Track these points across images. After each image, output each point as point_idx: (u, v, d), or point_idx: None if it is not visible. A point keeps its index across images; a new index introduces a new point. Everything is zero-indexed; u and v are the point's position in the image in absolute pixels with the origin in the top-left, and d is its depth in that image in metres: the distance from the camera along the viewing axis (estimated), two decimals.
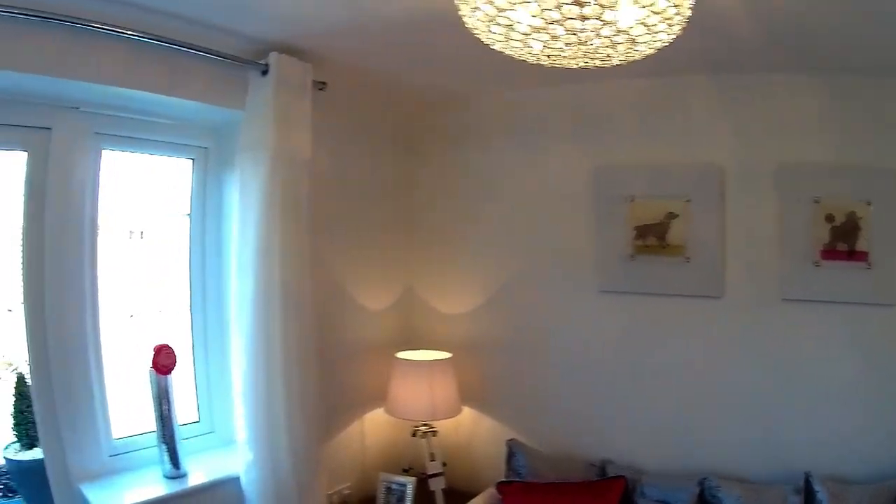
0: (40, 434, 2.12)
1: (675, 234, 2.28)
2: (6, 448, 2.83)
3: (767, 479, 2.06)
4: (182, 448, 2.11)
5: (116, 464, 2.15)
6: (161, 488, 2.08)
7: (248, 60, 2.03)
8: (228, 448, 2.26)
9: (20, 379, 2.89)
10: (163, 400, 2.08)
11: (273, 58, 2.03)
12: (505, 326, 2.43)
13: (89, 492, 2.06)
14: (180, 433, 2.12)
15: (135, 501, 2.02)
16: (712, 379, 2.19)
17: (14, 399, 2.90)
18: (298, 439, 2.09)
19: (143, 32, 1.77)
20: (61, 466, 2.12)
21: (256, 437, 2.06)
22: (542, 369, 2.37)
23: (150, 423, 2.18)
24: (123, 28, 1.74)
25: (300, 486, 2.11)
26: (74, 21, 1.65)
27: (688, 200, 2.28)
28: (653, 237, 2.30)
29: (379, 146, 2.51)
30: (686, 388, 2.22)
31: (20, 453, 2.88)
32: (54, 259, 2.03)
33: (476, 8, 1.09)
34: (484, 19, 1.11)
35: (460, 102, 2.53)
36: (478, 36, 1.20)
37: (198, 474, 2.13)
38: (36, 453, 2.87)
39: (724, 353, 2.19)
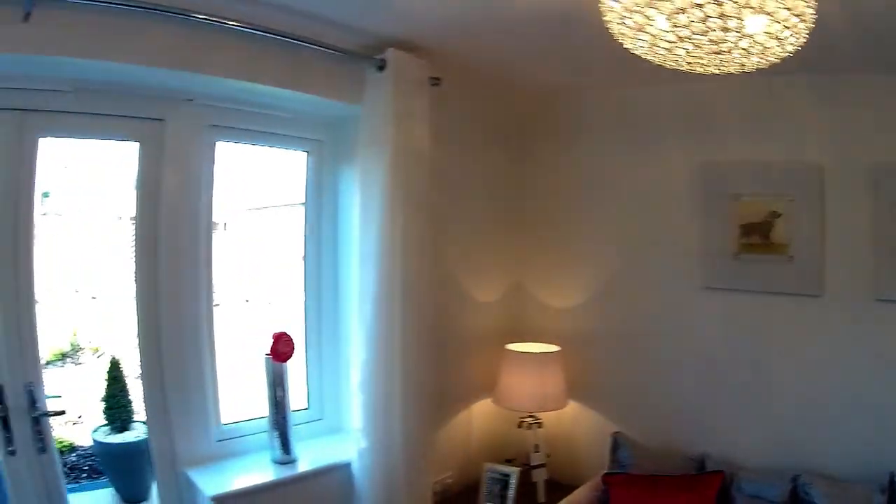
0: (148, 419, 2.12)
1: (778, 232, 2.29)
2: (95, 431, 2.83)
3: (852, 477, 2.09)
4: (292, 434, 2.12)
5: (224, 449, 2.18)
6: (270, 473, 2.11)
7: (364, 56, 2.04)
8: (336, 436, 2.28)
9: (114, 364, 2.88)
10: (277, 386, 2.09)
11: (390, 54, 2.03)
12: (610, 321, 2.45)
13: (197, 476, 2.07)
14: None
15: (246, 485, 2.05)
16: (810, 377, 2.22)
17: (107, 383, 2.89)
18: (411, 429, 2.10)
19: (260, 27, 1.78)
20: (168, 451, 2.12)
21: (372, 426, 2.08)
22: (645, 364, 2.39)
23: (258, 409, 2.19)
24: (241, 22, 1.75)
25: (409, 474, 2.13)
26: (193, 15, 1.68)
27: (791, 199, 2.29)
28: (757, 235, 2.31)
29: (490, 142, 2.52)
30: (784, 386, 2.25)
31: (109, 436, 2.88)
32: (168, 247, 2.05)
33: (626, 17, 1.13)
34: (633, 26, 1.14)
35: (569, 100, 2.54)
36: (621, 42, 1.24)
37: (307, 460, 2.15)
38: (126, 437, 2.88)
39: (821, 352, 2.21)
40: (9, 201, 1.86)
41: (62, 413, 2.27)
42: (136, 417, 2.84)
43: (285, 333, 2.07)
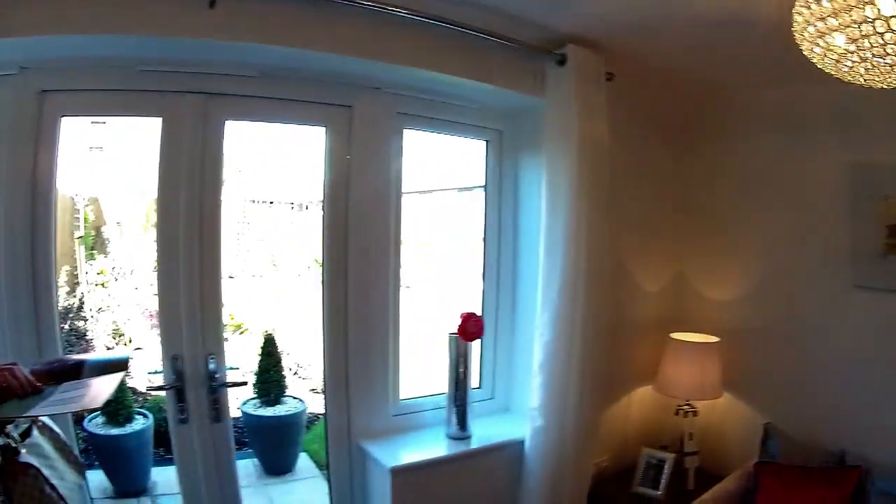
0: (326, 393, 2.19)
1: None
2: (244, 403, 2.88)
3: None
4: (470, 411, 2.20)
5: (399, 423, 2.26)
6: (446, 448, 2.19)
7: (545, 50, 2.11)
8: (505, 415, 2.35)
9: (269, 339, 2.94)
10: (460, 365, 2.16)
11: (570, 49, 2.10)
12: (765, 315, 2.51)
13: (374, 449, 2.14)
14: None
15: (423, 458, 2.12)
16: None
17: (260, 358, 2.94)
18: (583, 410, 2.18)
19: (446, 19, 1.86)
20: (344, 424, 2.19)
21: (548, 405, 2.16)
22: (795, 358, 2.44)
23: (431, 386, 2.25)
24: (427, 14, 1.83)
25: (577, 454, 2.21)
26: (381, 7, 1.76)
27: None
28: None
29: (654, 136, 2.59)
30: None
31: (259, 409, 2.93)
32: (358, 229, 2.14)
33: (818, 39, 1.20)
34: (824, 48, 1.21)
35: (729, 98, 2.60)
36: (811, 59, 1.30)
37: (480, 437, 2.23)
38: (277, 410, 2.93)
39: None
40: (196, 181, 1.96)
41: (244, 384, 2.34)
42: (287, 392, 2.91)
43: (474, 314, 2.15)
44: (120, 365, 1.33)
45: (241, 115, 2.08)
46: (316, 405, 3.08)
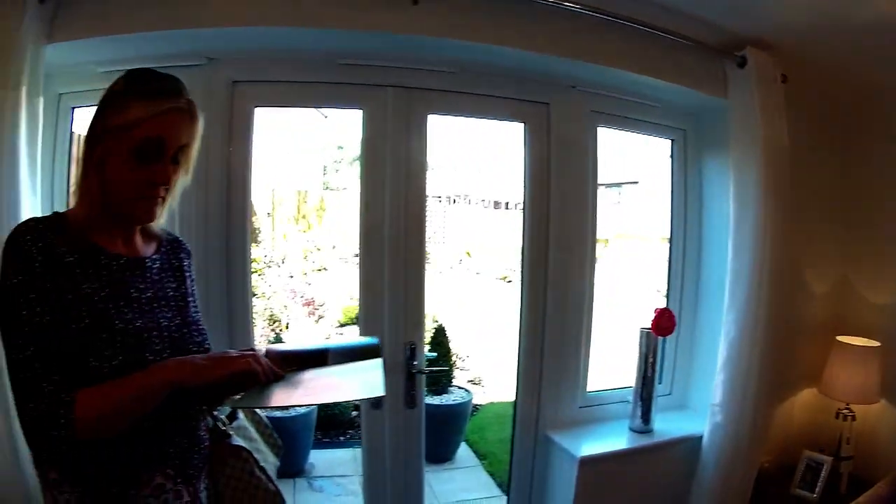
0: (518, 384, 2.28)
1: None
2: None
3: None
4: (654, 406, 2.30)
5: (585, 415, 2.35)
6: (628, 440, 2.28)
7: (727, 52, 2.21)
8: (682, 411, 2.46)
9: (440, 329, 3.04)
10: (649, 359, 2.28)
11: (750, 52, 2.19)
12: None
13: (561, 439, 2.25)
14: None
15: (610, 450, 2.23)
16: None
17: (430, 348, 3.04)
18: (758, 409, 2.24)
19: (638, 21, 1.97)
20: (532, 413, 2.30)
21: (729, 402, 2.23)
22: None
23: (613, 379, 2.36)
24: (618, 16, 1.94)
25: (749, 451, 2.28)
26: (579, 7, 1.88)
27: None
28: None
29: (824, 138, 2.64)
30: None
31: (426, 398, 3.01)
32: (558, 225, 2.25)
33: None
34: None
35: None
36: None
37: (660, 431, 2.31)
38: (444, 399, 3.02)
39: None
40: (401, 175, 2.06)
41: (444, 371, 2.43)
42: (455, 382, 3.00)
43: (668, 309, 2.26)
44: (371, 350, 1.29)
45: (443, 109, 2.18)
46: (477, 396, 3.15)
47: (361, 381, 1.22)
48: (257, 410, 1.39)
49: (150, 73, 1.15)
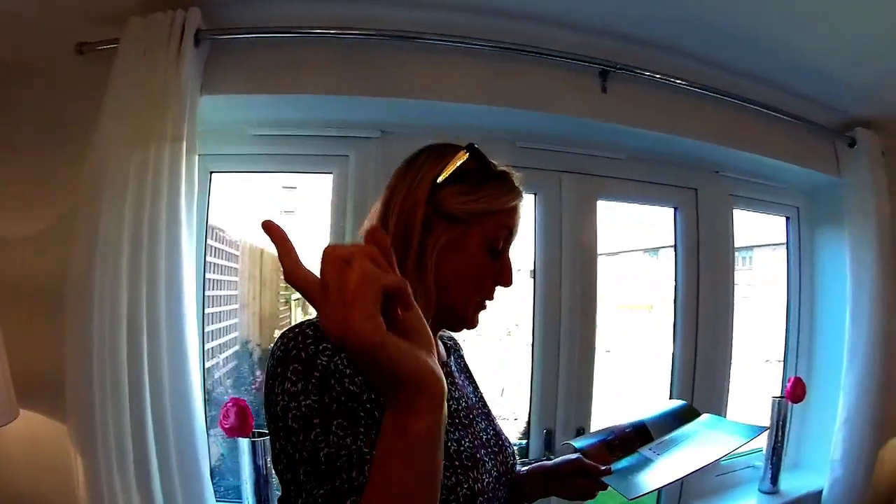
0: None
1: None
2: None
3: None
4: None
5: (717, 483, 2.42)
6: (757, 501, 2.38)
7: (837, 132, 2.39)
8: (796, 470, 2.57)
9: None
10: (781, 424, 2.35)
11: (861, 133, 2.37)
12: None
13: None
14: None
15: None
16: None
17: None
18: (872, 463, 2.42)
19: (767, 105, 2.10)
20: (675, 485, 2.30)
21: (849, 457, 2.38)
22: None
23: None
24: (754, 102, 2.07)
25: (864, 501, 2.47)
26: (720, 95, 2.00)
27: None
28: None
29: None
30: None
31: None
32: (707, 304, 2.30)
33: None
34: None
35: None
36: None
37: (784, 490, 2.42)
38: None
39: None
40: (577, 259, 2.11)
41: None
42: None
43: (799, 378, 2.36)
44: (687, 413, 1.25)
45: (609, 195, 2.22)
46: None
47: (717, 438, 1.15)
48: None
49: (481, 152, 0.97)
